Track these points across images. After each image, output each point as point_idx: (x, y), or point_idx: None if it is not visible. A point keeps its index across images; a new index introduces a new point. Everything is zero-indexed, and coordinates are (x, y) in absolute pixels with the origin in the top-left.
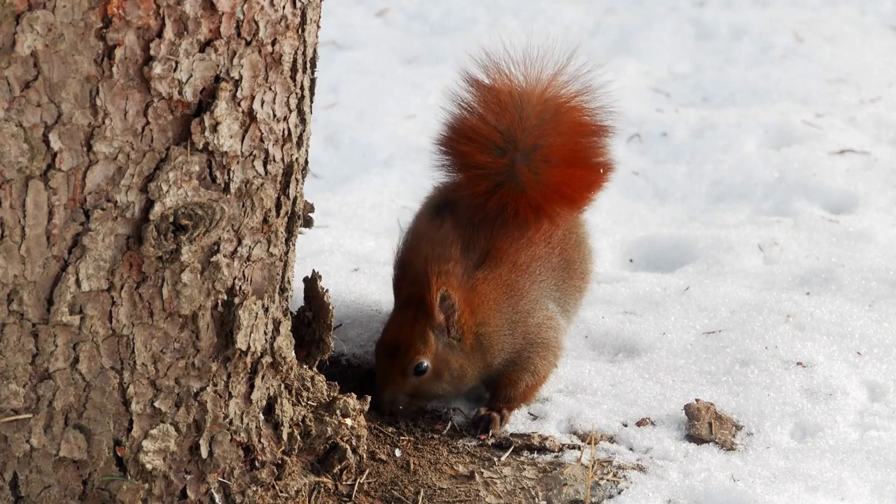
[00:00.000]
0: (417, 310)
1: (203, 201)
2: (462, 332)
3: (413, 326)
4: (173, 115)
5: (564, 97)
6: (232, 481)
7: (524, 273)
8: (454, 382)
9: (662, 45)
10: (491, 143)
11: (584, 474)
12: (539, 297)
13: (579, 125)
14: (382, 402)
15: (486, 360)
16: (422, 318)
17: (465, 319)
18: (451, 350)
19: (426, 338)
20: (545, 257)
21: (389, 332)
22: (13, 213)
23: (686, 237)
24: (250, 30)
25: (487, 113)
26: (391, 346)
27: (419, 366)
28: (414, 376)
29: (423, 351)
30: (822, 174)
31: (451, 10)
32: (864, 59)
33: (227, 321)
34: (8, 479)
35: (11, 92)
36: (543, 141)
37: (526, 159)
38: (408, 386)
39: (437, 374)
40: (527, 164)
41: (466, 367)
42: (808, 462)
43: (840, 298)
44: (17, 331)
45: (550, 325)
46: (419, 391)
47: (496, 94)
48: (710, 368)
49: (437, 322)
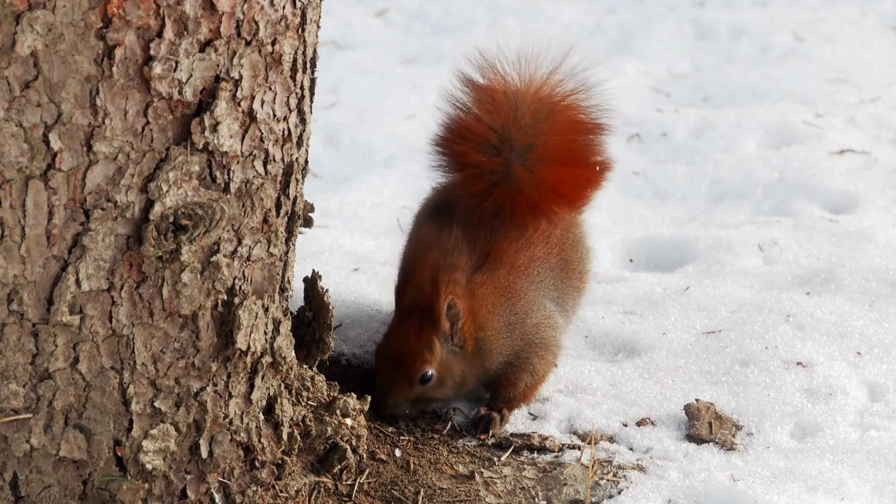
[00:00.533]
0: (422, 318)
1: (203, 201)
2: (464, 338)
3: (419, 335)
4: (173, 115)
5: (559, 96)
6: (232, 481)
7: (522, 274)
8: (456, 388)
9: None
10: (486, 142)
11: (584, 474)
12: (537, 298)
13: (574, 123)
14: (385, 409)
15: (485, 365)
16: (428, 327)
17: (467, 326)
18: (454, 357)
19: (432, 347)
20: (543, 258)
21: (393, 340)
22: (13, 213)
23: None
24: (250, 30)
25: (482, 112)
26: (396, 354)
27: (425, 375)
28: (419, 384)
29: (429, 360)
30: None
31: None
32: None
33: (227, 321)
34: (8, 479)
35: (11, 92)
36: (538, 140)
37: (521, 158)
38: (412, 394)
39: (441, 381)
40: (522, 163)
41: (468, 373)
42: (808, 462)
43: (840, 298)
44: (17, 331)
45: (549, 325)
46: (422, 397)
47: (491, 93)
48: (710, 368)
49: (443, 330)
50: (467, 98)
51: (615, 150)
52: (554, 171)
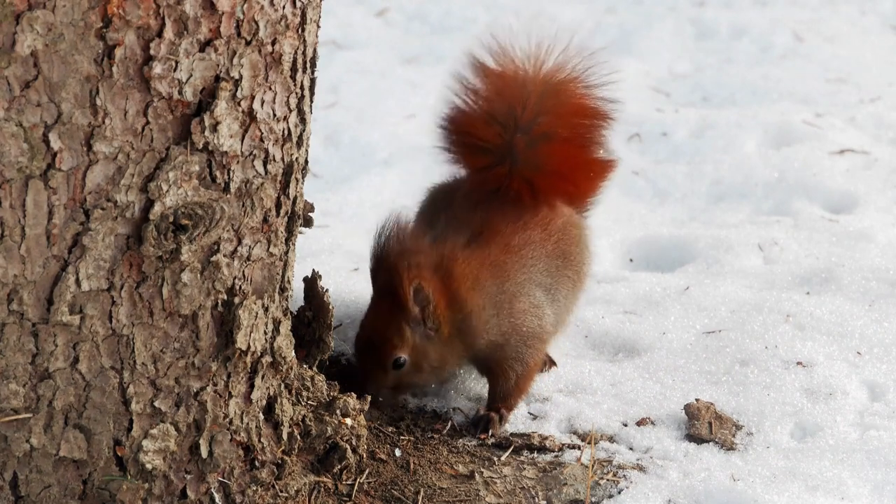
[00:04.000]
0: (393, 302)
1: (203, 201)
2: (439, 322)
3: (388, 320)
4: (173, 114)
5: (566, 79)
6: (232, 481)
7: (514, 255)
8: (435, 372)
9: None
10: (492, 118)
11: (584, 474)
12: (526, 282)
13: (580, 106)
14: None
15: (468, 343)
16: (396, 312)
17: (441, 310)
18: (429, 341)
19: (402, 332)
20: (540, 242)
21: (366, 325)
22: (13, 213)
23: (686, 237)
24: (250, 29)
25: (490, 92)
26: (368, 340)
27: (397, 360)
28: (393, 370)
29: (399, 346)
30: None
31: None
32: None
33: (227, 321)
34: (8, 479)
35: (11, 92)
36: (544, 119)
37: (526, 135)
38: (388, 380)
39: (417, 366)
40: (527, 140)
41: (446, 356)
42: (808, 462)
43: (840, 298)
44: (17, 330)
45: (536, 314)
46: (400, 384)
47: (499, 75)
48: (710, 368)
49: (412, 315)
50: (476, 79)
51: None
52: (556, 150)
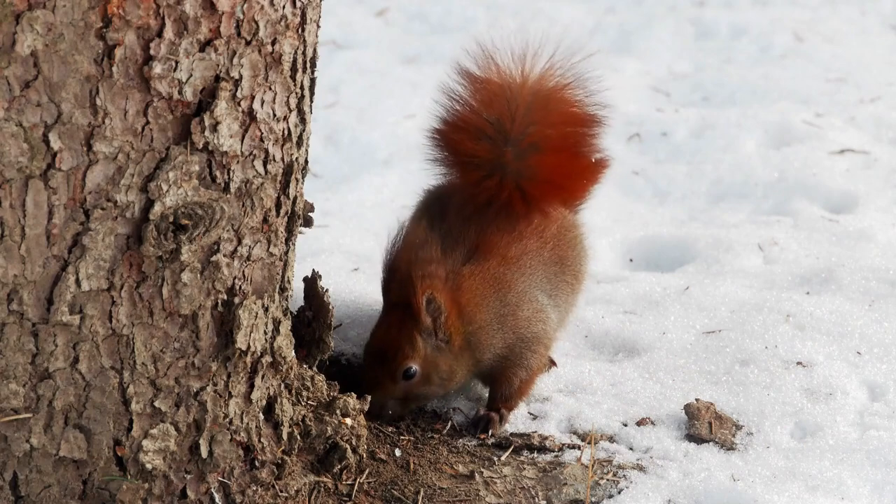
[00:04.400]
0: (405, 313)
1: (203, 201)
2: (450, 333)
3: (401, 330)
4: (173, 114)
5: (554, 87)
6: (232, 481)
7: (513, 266)
8: (443, 383)
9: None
10: (481, 132)
11: (584, 474)
12: (528, 290)
13: (569, 115)
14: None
15: (476, 358)
16: (409, 322)
17: (452, 321)
18: (440, 352)
19: (414, 342)
20: (536, 251)
21: (377, 335)
22: (13, 213)
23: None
24: (250, 29)
25: (478, 103)
26: (380, 350)
27: (408, 370)
28: (403, 381)
29: (411, 356)
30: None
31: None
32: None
33: (227, 321)
34: (8, 479)
35: (11, 92)
36: (533, 129)
37: (516, 147)
38: (397, 390)
39: (426, 377)
40: (516, 152)
41: (455, 368)
42: (808, 462)
43: (840, 298)
44: (17, 330)
45: (540, 318)
46: (409, 395)
47: (487, 84)
48: (710, 368)
49: (424, 325)
50: (464, 90)
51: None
52: (547, 161)
